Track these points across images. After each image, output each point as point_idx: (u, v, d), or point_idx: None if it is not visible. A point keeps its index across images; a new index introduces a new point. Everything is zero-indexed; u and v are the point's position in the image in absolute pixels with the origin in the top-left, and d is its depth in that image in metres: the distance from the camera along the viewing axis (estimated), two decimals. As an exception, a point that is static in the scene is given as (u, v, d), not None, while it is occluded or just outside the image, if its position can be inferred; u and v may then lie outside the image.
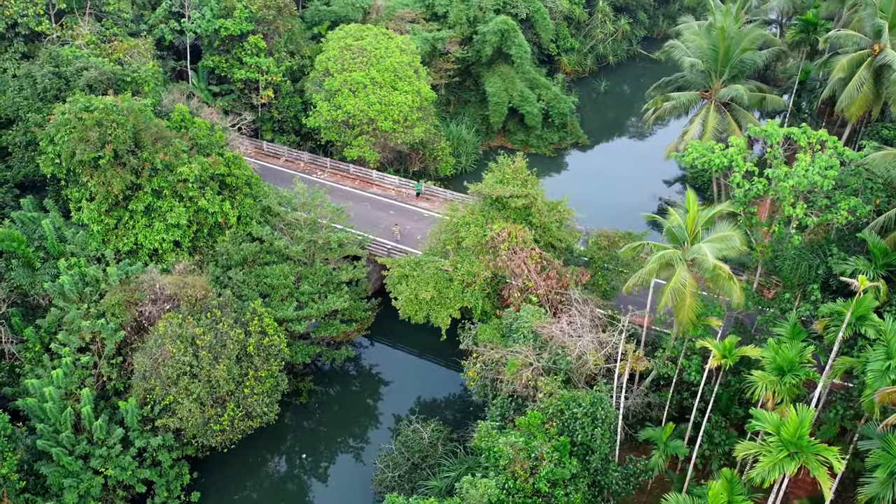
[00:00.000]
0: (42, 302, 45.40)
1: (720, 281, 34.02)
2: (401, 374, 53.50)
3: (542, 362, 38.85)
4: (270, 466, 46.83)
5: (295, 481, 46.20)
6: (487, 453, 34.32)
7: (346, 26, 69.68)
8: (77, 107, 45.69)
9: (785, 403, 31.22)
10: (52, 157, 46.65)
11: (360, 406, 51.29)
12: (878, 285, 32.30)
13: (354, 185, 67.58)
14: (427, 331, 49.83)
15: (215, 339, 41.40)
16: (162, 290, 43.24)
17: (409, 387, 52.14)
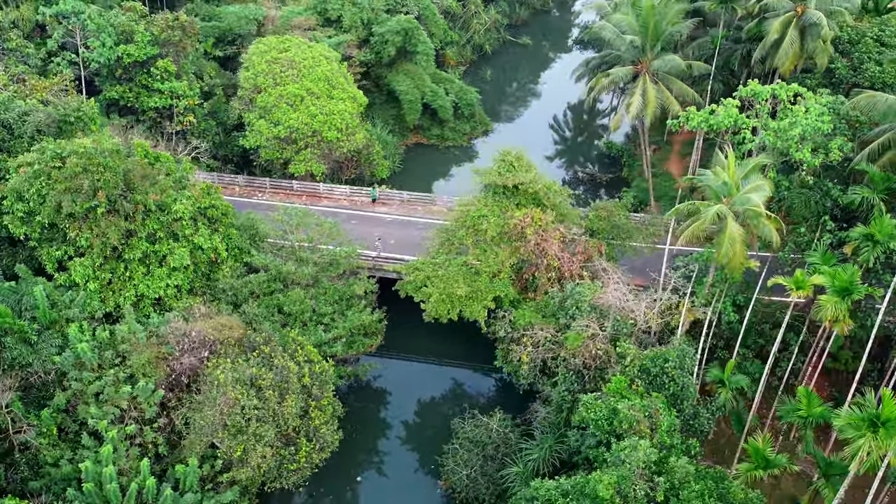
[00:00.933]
0: (45, 379, 40.03)
1: (761, 226, 38.29)
2: (417, 380, 53.53)
3: (607, 330, 41.18)
4: (332, 494, 45.13)
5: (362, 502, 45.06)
6: (599, 422, 36.00)
7: (266, 39, 67.10)
8: (47, 155, 40.66)
9: (844, 320, 36.04)
10: (22, 215, 41.16)
11: (392, 417, 50.75)
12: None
13: (302, 201, 65.30)
14: (429, 335, 50.84)
15: (277, 376, 39.22)
16: (198, 337, 40.01)
17: (430, 390, 52.46)
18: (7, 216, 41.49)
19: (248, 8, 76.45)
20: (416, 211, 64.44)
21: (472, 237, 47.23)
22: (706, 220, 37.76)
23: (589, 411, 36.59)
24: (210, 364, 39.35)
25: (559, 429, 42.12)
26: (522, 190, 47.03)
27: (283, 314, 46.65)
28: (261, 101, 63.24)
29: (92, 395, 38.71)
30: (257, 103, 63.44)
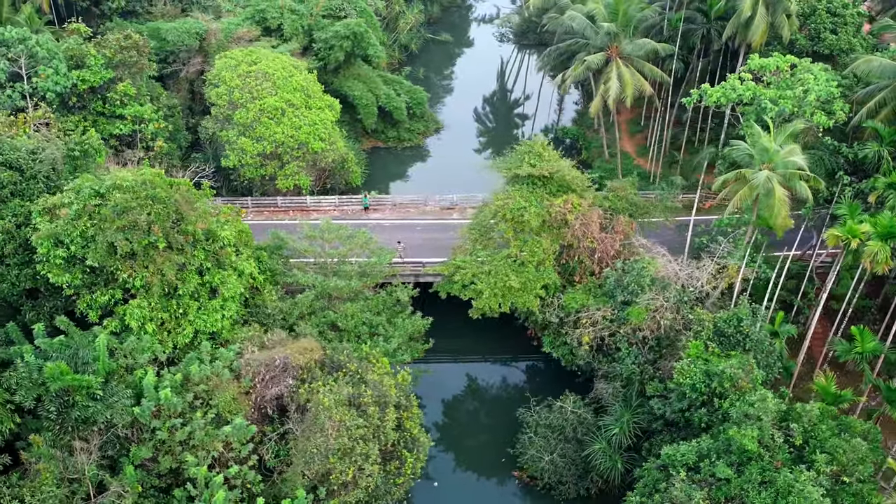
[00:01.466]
0: (120, 433, 36.80)
1: (799, 186, 41.86)
2: (463, 378, 53.85)
3: (670, 301, 43.46)
4: (413, 498, 44.64)
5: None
6: (696, 385, 38.10)
7: (233, 52, 64.24)
8: (85, 193, 37.33)
9: (886, 262, 40.22)
10: (61, 262, 37.54)
11: (451, 417, 50.81)
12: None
13: (291, 216, 63.51)
14: (463, 335, 52.39)
15: (375, 392, 38.36)
16: (281, 364, 38.32)
17: (480, 386, 52.91)
18: (44, 264, 37.63)
19: (187, 22, 72.50)
20: (410, 213, 64.34)
21: (512, 229, 47.96)
22: (757, 186, 40.76)
23: (685, 377, 38.59)
24: (304, 389, 37.83)
25: (632, 401, 43.96)
26: (556, 178, 48.29)
27: (337, 330, 45.45)
28: (240, 118, 60.54)
29: (178, 442, 36.18)
30: (236, 120, 60.68)
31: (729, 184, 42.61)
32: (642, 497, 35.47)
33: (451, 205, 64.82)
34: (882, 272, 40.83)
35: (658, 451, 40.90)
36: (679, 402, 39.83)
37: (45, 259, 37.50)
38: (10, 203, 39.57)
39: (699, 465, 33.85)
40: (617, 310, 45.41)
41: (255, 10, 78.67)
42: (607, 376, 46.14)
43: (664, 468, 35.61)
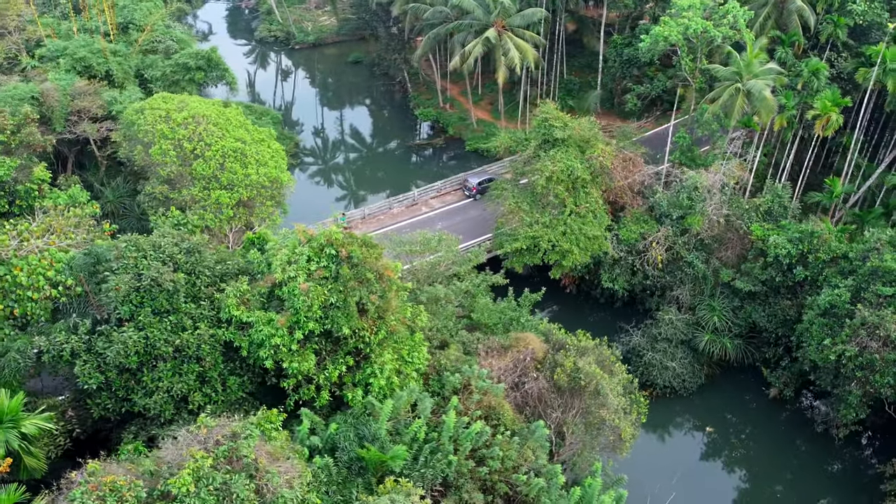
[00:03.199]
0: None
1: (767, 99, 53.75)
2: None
3: (723, 202, 52.80)
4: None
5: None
6: (792, 249, 48.29)
7: (151, 103, 54.84)
8: (303, 262, 32.62)
9: (835, 125, 54.53)
10: (295, 347, 32.46)
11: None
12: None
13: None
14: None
15: (600, 357, 40.90)
16: (526, 358, 38.64)
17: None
18: (271, 357, 31.89)
19: (19, 87, 59.36)
20: (385, 221, 63.68)
21: (566, 189, 52.40)
22: (725, 98, 51.69)
23: (775, 248, 48.36)
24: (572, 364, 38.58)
25: (708, 299, 52.84)
26: (580, 137, 53.70)
27: (471, 327, 45.59)
28: (201, 170, 52.93)
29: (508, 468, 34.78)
30: (197, 173, 52.94)
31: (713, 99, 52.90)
32: (822, 340, 43.78)
33: (414, 201, 65.49)
34: (829, 134, 55.21)
35: (751, 318, 50.71)
36: (773, 271, 49.42)
37: (272, 351, 31.76)
38: (188, 309, 32.01)
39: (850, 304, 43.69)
40: (674, 225, 53.34)
41: (74, 59, 66.95)
42: (682, 280, 53.60)
43: (825, 313, 44.91)
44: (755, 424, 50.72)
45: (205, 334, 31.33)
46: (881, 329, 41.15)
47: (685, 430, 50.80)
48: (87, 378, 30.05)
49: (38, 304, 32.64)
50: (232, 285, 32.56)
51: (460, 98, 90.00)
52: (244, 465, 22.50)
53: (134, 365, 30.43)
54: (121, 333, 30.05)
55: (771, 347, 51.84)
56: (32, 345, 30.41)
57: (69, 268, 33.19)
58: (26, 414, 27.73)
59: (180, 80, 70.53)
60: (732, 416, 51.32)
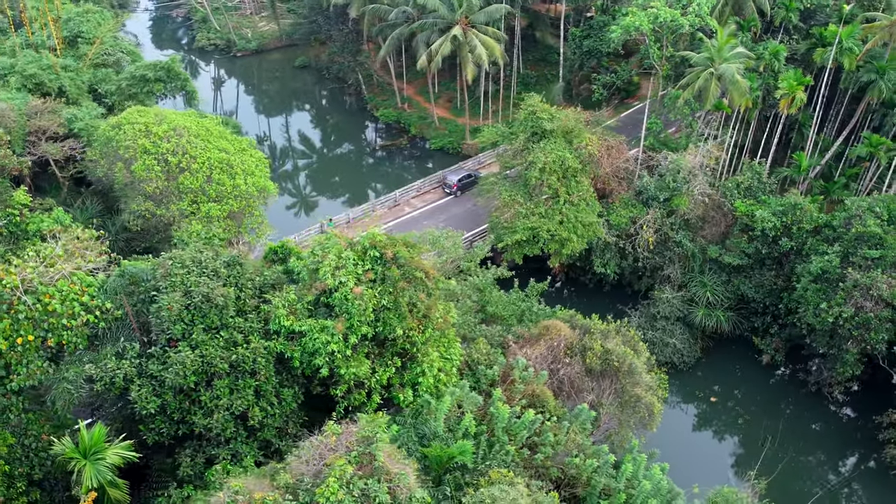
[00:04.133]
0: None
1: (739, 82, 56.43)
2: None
3: (705, 182, 55.15)
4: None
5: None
6: (776, 222, 51.05)
7: (127, 117, 52.66)
8: (350, 266, 32.37)
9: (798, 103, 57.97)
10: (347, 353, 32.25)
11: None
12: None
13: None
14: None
15: (625, 336, 42.28)
16: (560, 345, 39.50)
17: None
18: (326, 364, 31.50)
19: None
20: (382, 218, 63.37)
21: (558, 178, 53.56)
22: (701, 82, 54.22)
23: (764, 221, 51.01)
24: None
25: (698, 275, 55.22)
26: (565, 127, 54.96)
27: (486, 319, 46.24)
28: (188, 183, 51.29)
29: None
30: (183, 187, 51.27)
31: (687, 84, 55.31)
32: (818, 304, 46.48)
33: (396, 201, 65.43)
34: (794, 111, 58.54)
35: (739, 290, 53.37)
36: (760, 243, 52.11)
37: (328, 358, 31.40)
38: (237, 323, 31.17)
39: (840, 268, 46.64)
40: (661, 207, 55.39)
41: (25, 76, 63.60)
42: (671, 259, 55.76)
43: (818, 279, 47.64)
44: (752, 390, 53.34)
45: (259, 347, 30.63)
46: (874, 289, 44.10)
47: (692, 402, 52.86)
48: (144, 402, 28.85)
49: (74, 331, 31.03)
50: (279, 295, 31.93)
51: (417, 97, 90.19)
52: (375, 469, 22.24)
53: (192, 385, 29.43)
54: (177, 354, 28.99)
55: (759, 317, 54.59)
56: (83, 374, 28.93)
57: (103, 291, 31.72)
58: (107, 445, 26.42)
59: (138, 93, 67.96)
60: (730, 385, 53.82)
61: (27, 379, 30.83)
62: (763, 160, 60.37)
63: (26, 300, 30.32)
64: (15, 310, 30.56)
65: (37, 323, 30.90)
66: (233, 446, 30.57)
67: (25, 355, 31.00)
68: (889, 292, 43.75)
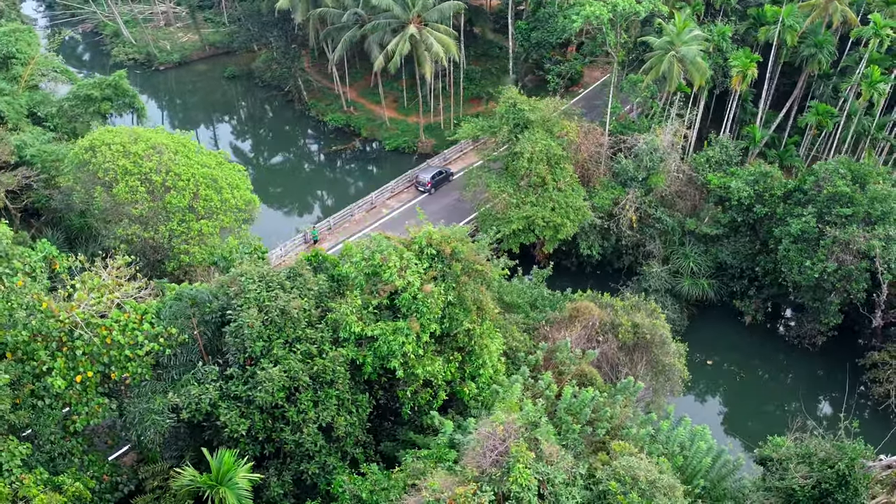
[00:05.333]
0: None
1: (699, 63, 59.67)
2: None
3: (679, 160, 58.12)
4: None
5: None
6: (749, 191, 54.65)
7: (98, 138, 49.75)
8: (413, 266, 32.44)
9: (751, 77, 62.17)
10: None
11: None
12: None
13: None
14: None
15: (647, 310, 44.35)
16: (595, 324, 40.98)
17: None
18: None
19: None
20: (351, 228, 62.79)
21: (544, 166, 55.06)
22: (661, 65, 57.35)
23: (740, 191, 54.48)
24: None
25: (678, 248, 58.34)
26: (544, 117, 56.51)
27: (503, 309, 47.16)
28: (175, 201, 49.14)
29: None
30: (171, 206, 49.10)
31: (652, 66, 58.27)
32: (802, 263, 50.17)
33: (373, 204, 65.11)
34: (744, 88, 62.71)
35: (717, 258, 56.85)
36: (735, 212, 55.58)
37: (402, 360, 31.39)
38: (309, 334, 30.53)
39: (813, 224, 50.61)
40: (640, 187, 57.98)
41: (-51, 106, 59.15)
42: (653, 236, 58.50)
43: (798, 239, 51.30)
44: (740, 349, 56.87)
45: (337, 356, 30.18)
46: (852, 243, 48.13)
47: (691, 367, 55.43)
48: (235, 425, 27.84)
49: (138, 362, 29.33)
50: (345, 302, 31.52)
51: (361, 100, 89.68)
52: (539, 453, 22.47)
53: (280, 402, 28.65)
54: (265, 371, 28.14)
55: (737, 281, 58.22)
56: (168, 403, 27.49)
57: (159, 317, 30.19)
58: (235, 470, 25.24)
59: (82, 113, 64.55)
60: (720, 348, 57.15)
61: (90, 418, 29.08)
62: (730, 135, 64.19)
63: (83, 334, 28.52)
64: (69, 346, 28.72)
65: (95, 358, 29.14)
66: (318, 459, 29.97)
67: (86, 394, 29.21)
68: (866, 244, 47.87)
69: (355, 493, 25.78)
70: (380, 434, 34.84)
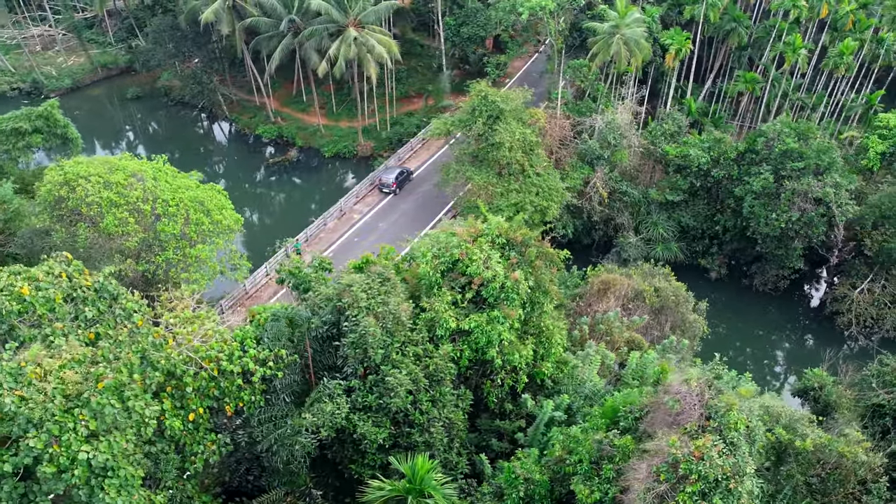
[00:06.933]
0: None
1: (643, 44, 63.65)
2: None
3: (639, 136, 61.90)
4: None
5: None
6: (705, 157, 59.42)
7: (71, 169, 45.99)
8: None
9: (681, 54, 67.32)
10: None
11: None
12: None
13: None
14: None
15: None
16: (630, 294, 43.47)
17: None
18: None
19: None
20: (329, 236, 61.94)
21: (521, 153, 56.99)
22: (609, 48, 61.20)
23: (699, 158, 59.07)
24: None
25: (645, 217, 62.38)
26: (512, 107, 58.34)
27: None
28: (167, 229, 46.53)
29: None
30: (165, 234, 46.46)
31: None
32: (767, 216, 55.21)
33: (342, 211, 64.41)
34: (674, 66, 67.79)
35: (680, 223, 61.48)
36: (694, 178, 60.20)
37: (498, 348, 32.21)
38: (411, 336, 30.52)
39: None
40: (605, 164, 61.34)
41: None
42: (614, 217, 62.18)
43: (759, 195, 56.33)
44: (713, 303, 61.41)
45: (445, 354, 30.43)
46: (810, 192, 53.70)
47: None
48: (374, 436, 27.43)
49: (250, 390, 27.93)
50: (438, 300, 31.71)
51: (285, 109, 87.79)
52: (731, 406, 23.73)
53: (408, 406, 28.54)
54: (394, 377, 27.89)
55: (699, 241, 63.02)
56: (307, 424, 26.46)
57: (258, 342, 28.91)
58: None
59: (10, 149, 59.34)
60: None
61: (210, 456, 27.60)
62: (678, 107, 68.97)
63: (187, 370, 26.96)
64: (176, 385, 27.08)
65: (204, 393, 27.65)
66: (441, 458, 30.11)
67: (197, 432, 27.66)
68: (822, 192, 53.60)
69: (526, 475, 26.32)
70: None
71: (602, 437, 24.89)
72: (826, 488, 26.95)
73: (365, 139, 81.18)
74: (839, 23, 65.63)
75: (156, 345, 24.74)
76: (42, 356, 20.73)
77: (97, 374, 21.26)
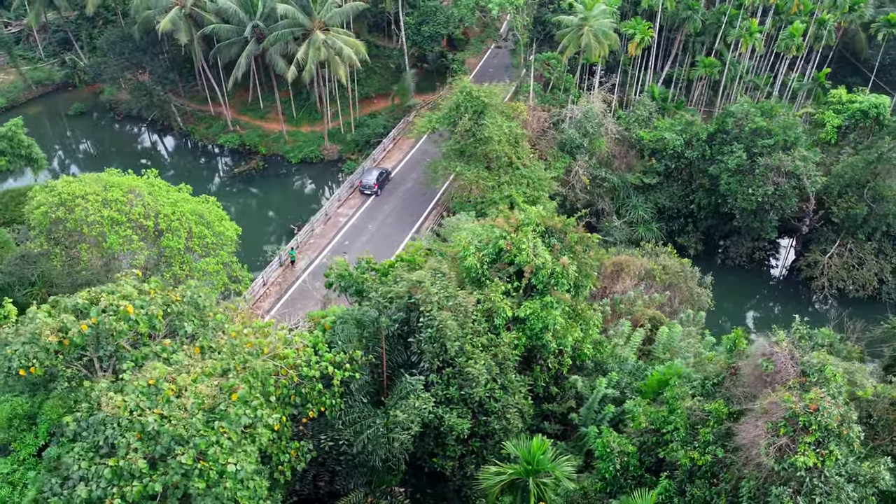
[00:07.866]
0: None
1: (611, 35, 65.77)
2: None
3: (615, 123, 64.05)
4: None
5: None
6: (678, 139, 62.20)
7: (63, 188, 44.02)
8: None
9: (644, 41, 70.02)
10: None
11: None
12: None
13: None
14: None
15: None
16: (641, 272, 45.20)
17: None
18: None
19: None
20: (317, 241, 61.38)
21: (508, 146, 58.17)
22: (580, 40, 63.31)
23: (674, 141, 61.74)
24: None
25: (625, 200, 64.75)
26: (493, 101, 59.39)
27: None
28: (172, 244, 45.34)
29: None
30: (170, 249, 45.21)
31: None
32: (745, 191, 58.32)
33: (328, 215, 63.96)
34: (637, 53, 70.54)
35: (657, 204, 64.19)
36: (668, 160, 62.95)
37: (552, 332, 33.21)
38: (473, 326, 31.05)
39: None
40: (585, 152, 63.27)
41: None
42: (594, 202, 64.34)
43: (734, 172, 59.35)
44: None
45: (509, 342, 31.13)
46: (783, 166, 57.09)
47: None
48: (460, 428, 27.84)
49: (330, 393, 27.71)
50: (492, 291, 32.33)
51: (243, 117, 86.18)
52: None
53: (485, 396, 29.06)
54: (474, 368, 28.37)
55: (675, 220, 65.86)
56: (399, 422, 26.46)
57: (329, 345, 28.72)
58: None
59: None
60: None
61: (297, 463, 27.40)
62: (648, 94, 71.58)
63: (271, 378, 26.67)
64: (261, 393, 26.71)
65: (286, 401, 27.39)
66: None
67: (281, 441, 27.38)
68: (793, 165, 57.06)
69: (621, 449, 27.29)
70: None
71: (691, 403, 26.16)
72: (875, 433, 29.05)
73: (330, 143, 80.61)
74: (784, 7, 69.84)
75: (254, 354, 24.40)
76: (171, 373, 20.20)
77: (229, 386, 20.90)
